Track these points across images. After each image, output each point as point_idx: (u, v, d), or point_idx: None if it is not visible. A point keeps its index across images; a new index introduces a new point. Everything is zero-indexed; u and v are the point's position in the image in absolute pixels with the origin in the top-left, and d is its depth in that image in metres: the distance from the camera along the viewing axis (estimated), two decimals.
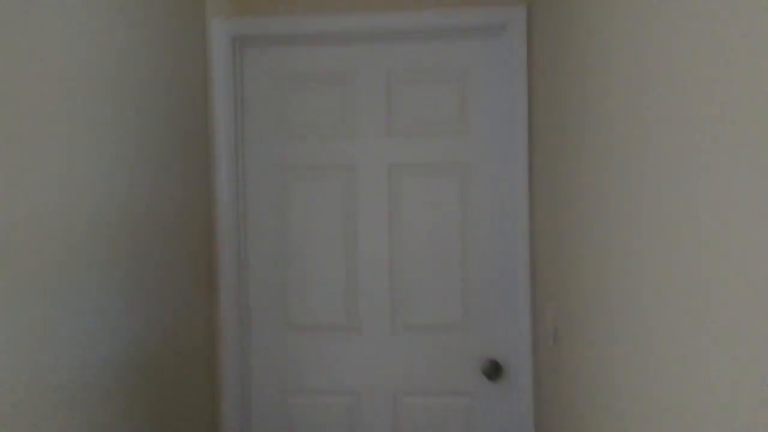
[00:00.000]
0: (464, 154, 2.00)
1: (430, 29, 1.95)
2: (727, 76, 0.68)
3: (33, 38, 1.17)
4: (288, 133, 2.06)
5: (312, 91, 2.05)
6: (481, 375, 1.98)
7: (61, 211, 1.25)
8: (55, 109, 1.23)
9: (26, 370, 1.14)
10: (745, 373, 0.64)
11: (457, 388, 1.99)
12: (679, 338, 0.80)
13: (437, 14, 1.93)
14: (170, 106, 1.73)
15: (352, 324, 2.04)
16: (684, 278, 0.78)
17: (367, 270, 2.03)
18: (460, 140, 2.00)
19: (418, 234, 2.01)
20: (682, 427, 0.78)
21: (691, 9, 0.76)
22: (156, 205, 1.64)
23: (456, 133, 2.00)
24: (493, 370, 1.94)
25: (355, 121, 2.04)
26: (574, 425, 1.37)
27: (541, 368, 1.82)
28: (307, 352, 2.05)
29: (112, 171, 1.43)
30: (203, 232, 1.95)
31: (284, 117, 2.06)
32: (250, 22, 1.99)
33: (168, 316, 1.70)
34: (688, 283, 0.77)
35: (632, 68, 0.98)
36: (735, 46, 0.66)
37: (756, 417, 0.62)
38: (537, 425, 1.88)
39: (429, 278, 2.01)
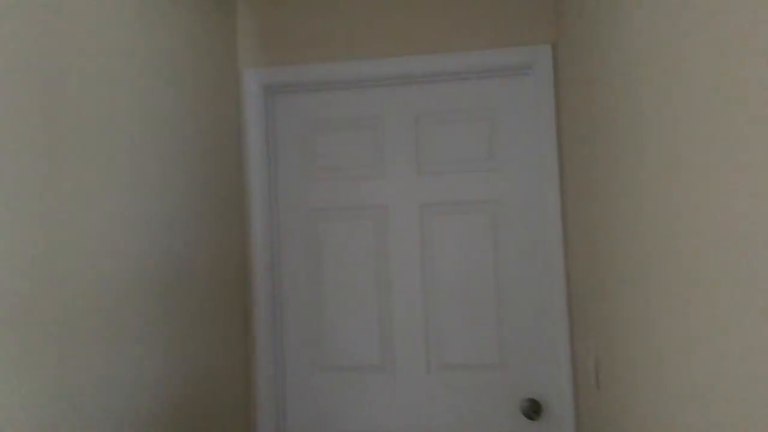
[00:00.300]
0: (495, 192, 2.00)
1: (458, 71, 1.98)
2: (757, 101, 0.68)
3: (88, 103, 1.22)
4: (319, 176, 2.09)
5: (342, 135, 2.09)
6: (520, 415, 1.94)
7: (107, 263, 1.28)
8: (105, 168, 1.28)
9: (71, 414, 1.16)
10: None
11: (495, 429, 1.96)
12: (736, 380, 0.78)
13: (464, 56, 1.97)
14: (207, 156, 1.79)
15: (386, 364, 2.03)
16: (736, 311, 0.77)
17: (400, 310, 2.03)
18: (490, 178, 2.01)
19: (450, 272, 2.01)
20: None
21: (716, 42, 0.77)
22: (193, 254, 1.68)
23: (486, 171, 2.02)
24: (533, 410, 1.90)
25: (385, 162, 2.07)
26: None
27: (583, 409, 1.78)
28: (341, 393, 2.04)
29: (154, 225, 1.48)
30: (238, 277, 1.98)
31: (315, 160, 2.10)
32: (280, 71, 2.05)
33: (204, 363, 1.72)
34: (741, 317, 0.76)
35: (660, 101, 0.98)
36: (760, 72, 0.67)
37: None
38: None
39: (463, 317, 1.99)
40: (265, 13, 2.08)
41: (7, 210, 1.01)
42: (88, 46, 1.24)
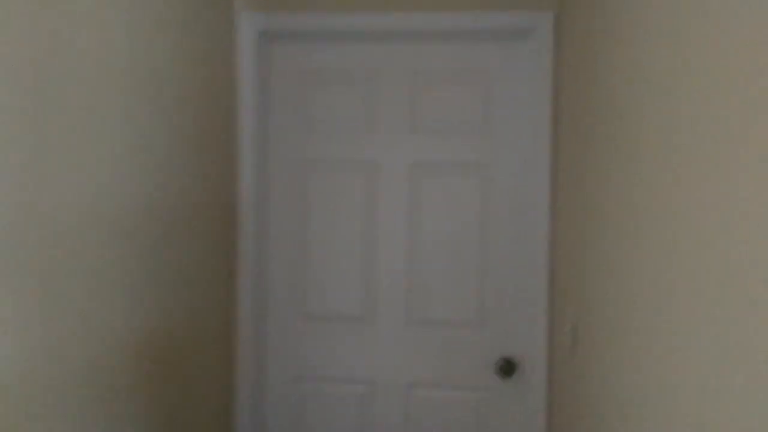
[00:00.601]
0: (486, 155, 2.02)
1: (457, 31, 1.97)
2: (764, 76, 0.70)
3: (79, 44, 1.19)
4: (311, 129, 2.08)
5: (337, 88, 2.07)
6: (495, 372, 2.02)
7: (96, 202, 1.28)
8: (96, 110, 1.26)
9: (56, 350, 1.18)
10: None
11: (469, 383, 2.04)
12: (708, 347, 0.83)
13: (464, 16, 1.95)
14: (199, 100, 1.76)
15: (368, 316, 2.08)
16: (716, 285, 0.82)
17: (384, 264, 2.07)
18: (482, 141, 2.02)
19: (437, 231, 2.05)
20: None
21: (723, 13, 0.79)
22: (182, 197, 1.67)
23: (479, 134, 2.03)
24: (507, 368, 1.98)
25: (378, 119, 2.06)
26: (590, 429, 1.41)
27: (557, 369, 1.86)
28: (322, 342, 2.09)
29: (143, 167, 1.47)
30: (225, 222, 1.98)
31: (308, 112, 2.08)
32: (277, 17, 2.00)
33: (189, 304, 1.74)
34: (720, 291, 0.80)
35: (662, 73, 1.00)
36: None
37: None
38: (549, 426, 1.92)
39: (446, 275, 2.04)
40: None
41: None
42: None
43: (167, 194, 1.57)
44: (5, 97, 0.99)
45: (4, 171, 0.99)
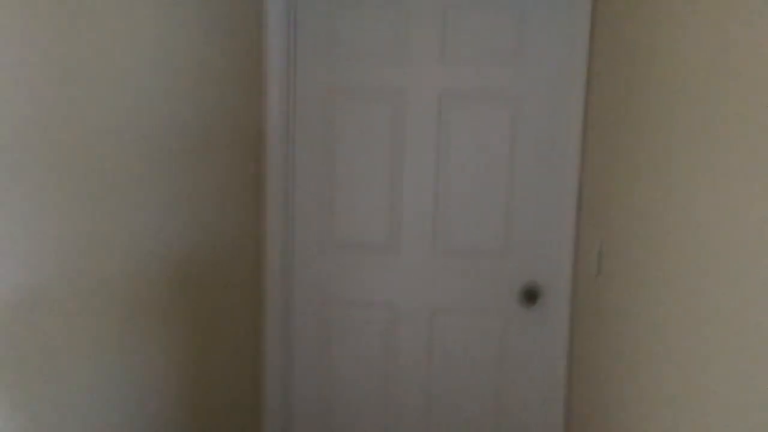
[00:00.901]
0: (517, 84, 1.97)
1: None
2: None
3: None
4: (339, 55, 2.05)
5: (365, 12, 2.02)
6: (518, 299, 2.03)
7: (131, 126, 1.30)
8: (135, 28, 1.26)
9: (95, 253, 1.22)
10: None
11: (492, 310, 2.06)
12: (735, 279, 0.81)
13: None
14: (226, 27, 1.74)
15: (393, 245, 2.10)
16: (746, 222, 0.79)
17: (411, 193, 2.06)
18: (514, 70, 1.97)
19: (464, 160, 2.03)
20: (729, 371, 0.80)
21: None
22: (212, 123, 1.69)
23: (511, 63, 1.97)
24: (531, 296, 1.99)
25: (408, 46, 2.01)
26: (612, 356, 1.41)
27: (580, 297, 1.85)
28: (348, 269, 2.13)
29: (175, 89, 1.48)
30: (253, 148, 1.99)
31: (336, 38, 2.04)
32: None
33: (216, 223, 1.78)
34: (750, 228, 0.78)
35: (709, 9, 0.94)
36: None
37: None
38: (570, 351, 1.94)
39: (472, 204, 2.03)
40: None
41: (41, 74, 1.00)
42: None
43: (198, 119, 1.58)
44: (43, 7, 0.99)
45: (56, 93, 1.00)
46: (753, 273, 0.78)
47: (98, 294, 1.17)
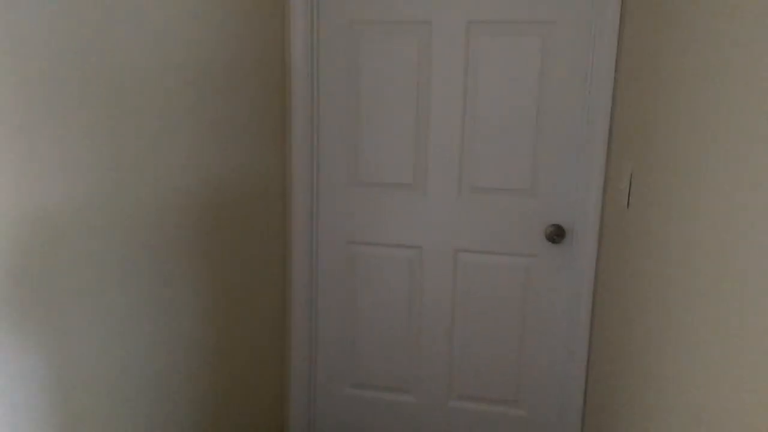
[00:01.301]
0: (548, 12, 1.90)
1: None
2: None
3: None
4: None
5: None
6: (545, 237, 2.04)
7: (158, 58, 1.30)
8: None
9: (125, 182, 1.26)
10: None
11: (518, 249, 2.06)
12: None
13: None
14: None
15: (419, 183, 2.09)
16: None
17: (437, 130, 2.04)
18: None
19: (492, 94, 1.98)
20: (765, 304, 0.81)
21: None
22: (237, 57, 1.68)
23: None
24: (557, 234, 1.99)
25: None
26: (638, 293, 1.42)
27: (608, 233, 1.85)
28: (373, 207, 2.14)
29: (204, 24, 1.47)
30: (278, 82, 1.98)
31: None
32: None
33: (243, 156, 1.79)
34: None
35: None
36: None
37: None
38: (596, 289, 1.95)
39: (500, 141, 2.01)
40: None
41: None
42: None
43: (223, 53, 1.58)
44: None
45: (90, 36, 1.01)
46: None
47: (131, 219, 1.21)
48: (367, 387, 2.26)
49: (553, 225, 2.00)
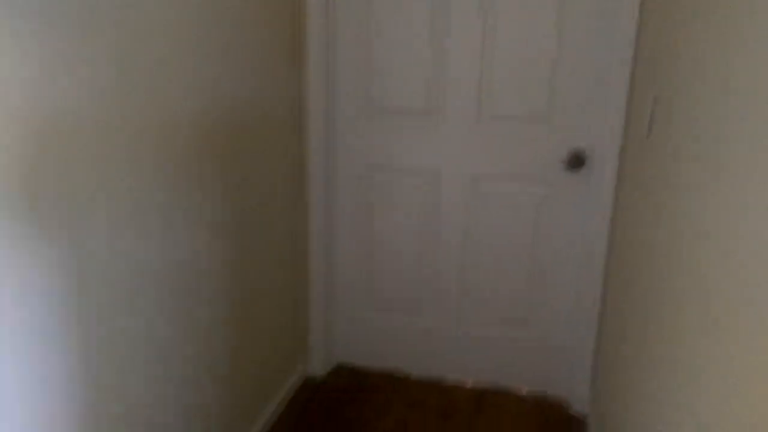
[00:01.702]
0: None
1: None
2: None
3: None
4: None
5: None
6: (563, 165, 2.01)
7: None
8: None
9: (132, 97, 1.27)
10: None
11: (536, 177, 2.04)
12: None
13: None
14: None
15: (436, 110, 2.06)
16: None
17: (456, 57, 1.99)
18: None
19: (511, 17, 1.91)
20: None
21: None
22: None
23: None
24: (576, 161, 1.97)
25: None
26: (654, 227, 1.42)
27: (627, 161, 1.82)
28: (390, 134, 2.12)
29: None
30: (291, 5, 1.93)
31: None
32: None
33: (260, 80, 1.77)
34: None
35: None
36: None
37: None
38: (613, 218, 1.94)
39: (518, 68, 1.95)
40: None
41: None
42: None
43: None
44: None
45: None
46: None
47: (149, 131, 1.22)
48: (382, 310, 2.33)
49: (573, 151, 1.97)
